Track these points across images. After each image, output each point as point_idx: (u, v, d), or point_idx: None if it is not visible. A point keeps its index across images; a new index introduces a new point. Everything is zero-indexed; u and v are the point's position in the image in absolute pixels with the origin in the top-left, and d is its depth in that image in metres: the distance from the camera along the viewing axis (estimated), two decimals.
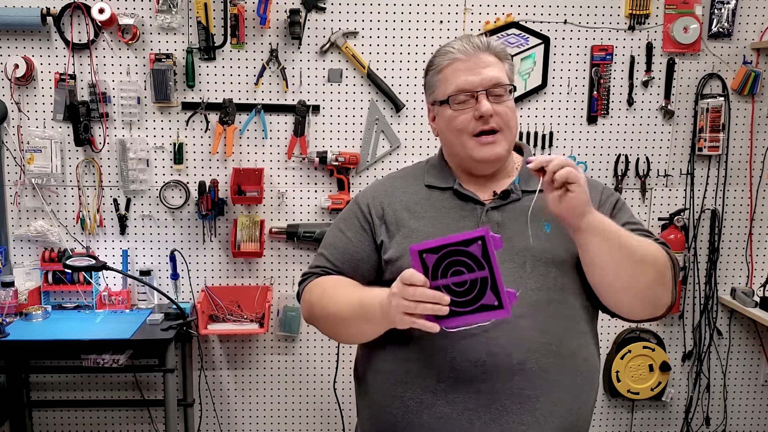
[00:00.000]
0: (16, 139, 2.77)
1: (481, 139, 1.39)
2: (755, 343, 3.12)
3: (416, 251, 1.16)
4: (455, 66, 1.40)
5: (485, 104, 1.36)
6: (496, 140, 1.39)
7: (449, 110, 1.40)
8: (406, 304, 1.17)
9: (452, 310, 1.16)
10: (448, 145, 1.47)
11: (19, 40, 2.73)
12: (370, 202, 1.49)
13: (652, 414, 3.15)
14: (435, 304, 1.15)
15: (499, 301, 1.15)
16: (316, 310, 1.46)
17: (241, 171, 2.80)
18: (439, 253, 1.15)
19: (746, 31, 2.91)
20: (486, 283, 1.15)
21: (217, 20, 2.76)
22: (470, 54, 1.40)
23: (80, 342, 2.47)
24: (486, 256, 1.14)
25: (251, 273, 2.92)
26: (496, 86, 1.38)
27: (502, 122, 1.39)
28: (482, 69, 1.38)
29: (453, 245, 1.15)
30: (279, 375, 3.01)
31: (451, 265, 1.16)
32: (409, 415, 1.36)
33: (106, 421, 3.00)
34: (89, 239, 2.85)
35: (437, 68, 1.43)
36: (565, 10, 2.85)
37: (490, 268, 1.14)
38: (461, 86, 1.38)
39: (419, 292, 1.15)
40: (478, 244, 1.14)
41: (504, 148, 1.41)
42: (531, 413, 1.32)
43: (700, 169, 2.98)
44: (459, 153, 1.43)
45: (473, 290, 1.16)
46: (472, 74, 1.38)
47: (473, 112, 1.38)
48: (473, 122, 1.38)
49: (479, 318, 1.17)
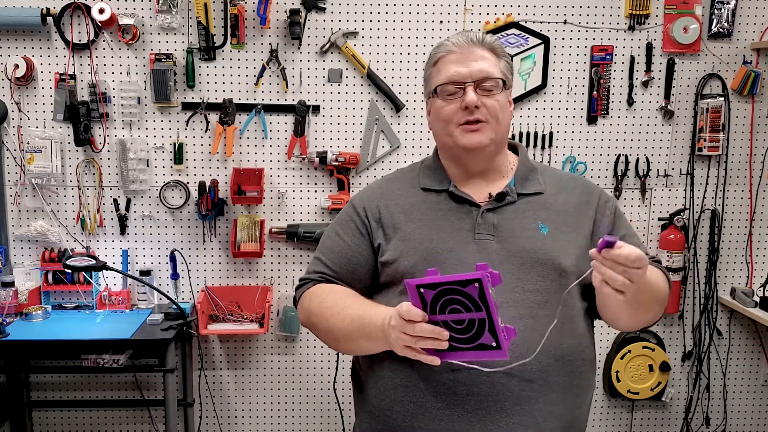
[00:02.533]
0: (16, 139, 2.77)
1: (465, 127, 1.39)
2: (755, 343, 3.12)
3: (413, 286, 1.15)
4: (448, 58, 1.42)
5: (470, 94, 1.37)
6: (480, 128, 1.39)
7: (439, 101, 1.42)
8: (406, 338, 1.17)
9: (451, 345, 1.15)
10: (437, 137, 1.48)
11: (19, 40, 2.73)
12: (367, 205, 1.49)
13: (652, 414, 3.15)
14: (435, 339, 1.15)
15: (497, 341, 1.13)
16: (314, 320, 1.45)
17: (241, 171, 2.80)
18: (436, 290, 1.14)
19: (746, 31, 2.91)
20: (484, 323, 1.13)
21: (217, 20, 2.76)
22: (463, 47, 1.41)
23: (80, 342, 2.47)
24: (483, 298, 1.11)
25: (251, 273, 2.92)
26: (485, 79, 1.39)
27: (489, 114, 1.39)
28: (473, 62, 1.39)
29: (449, 284, 1.13)
30: (279, 375, 3.01)
31: (449, 302, 1.14)
32: (409, 419, 1.36)
33: (106, 421, 3.00)
34: (89, 239, 2.85)
35: (432, 61, 1.45)
36: (565, 10, 2.85)
37: (488, 310, 1.12)
38: (450, 77, 1.40)
39: (418, 327, 1.15)
40: (474, 285, 1.11)
41: (488, 138, 1.40)
42: (530, 414, 1.32)
43: (700, 169, 2.98)
44: (447, 142, 1.44)
45: (471, 329, 1.14)
46: (462, 66, 1.39)
47: (460, 102, 1.38)
48: (459, 112, 1.39)
49: (477, 356, 1.16)
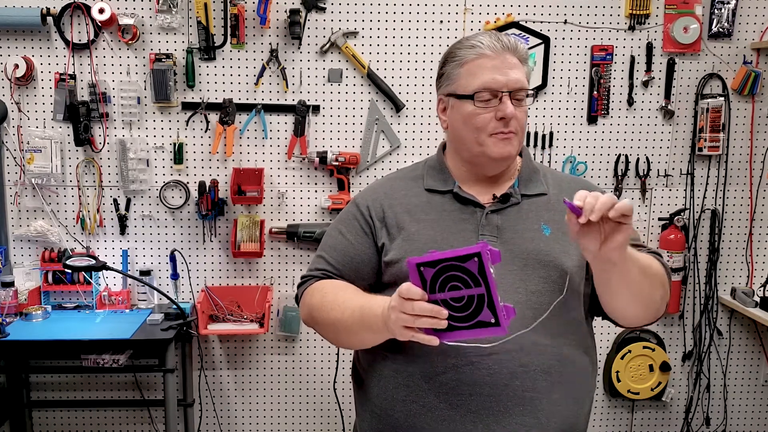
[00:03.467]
0: (16, 139, 2.77)
1: (499, 135, 1.37)
2: (755, 343, 3.12)
3: (414, 264, 1.15)
4: (482, 62, 1.37)
5: (510, 106, 1.35)
6: (511, 139, 1.38)
7: (471, 106, 1.38)
8: (405, 317, 1.16)
9: (450, 324, 1.15)
10: (460, 140, 1.44)
11: (19, 40, 2.73)
12: (370, 204, 1.48)
13: (652, 414, 3.15)
14: (433, 318, 1.15)
15: (496, 318, 1.13)
16: (316, 315, 1.45)
17: (241, 171, 2.80)
18: (436, 267, 1.14)
19: (746, 31, 2.91)
20: (483, 299, 1.13)
21: (217, 20, 2.76)
22: (499, 52, 1.37)
23: (80, 342, 2.47)
24: (482, 272, 1.11)
25: (251, 273, 2.92)
26: (520, 90, 1.37)
27: (519, 126, 1.39)
28: (509, 70, 1.36)
29: (450, 260, 1.13)
30: (279, 375, 3.01)
31: (448, 280, 1.14)
32: (411, 418, 1.36)
33: (106, 421, 3.00)
34: (89, 239, 2.85)
35: (461, 60, 1.40)
36: (565, 10, 2.85)
37: (487, 285, 1.12)
38: (488, 84, 1.36)
39: (417, 306, 1.15)
40: (474, 260, 1.11)
41: (516, 149, 1.41)
42: (533, 414, 1.32)
43: (700, 169, 2.98)
44: (472, 150, 1.41)
45: (470, 306, 1.14)
46: (500, 73, 1.36)
47: (495, 112, 1.36)
48: (493, 122, 1.36)
49: (476, 334, 1.16)
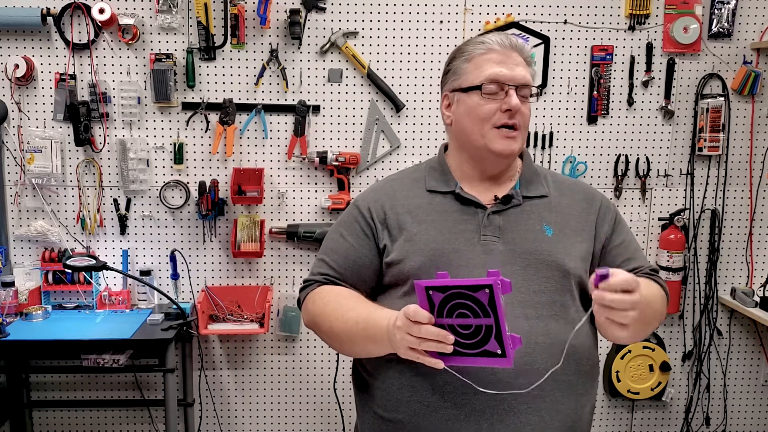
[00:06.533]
0: (16, 139, 2.77)
1: (502, 132, 1.39)
2: (755, 343, 3.12)
3: (423, 287, 1.15)
4: (489, 56, 1.40)
5: (515, 98, 1.37)
6: (515, 136, 1.40)
7: (476, 97, 1.40)
8: (411, 339, 1.17)
9: (456, 349, 1.15)
10: (463, 134, 1.45)
11: (19, 40, 2.73)
12: (372, 205, 1.48)
13: (652, 414, 3.15)
14: (439, 343, 1.15)
15: (503, 350, 1.13)
16: (318, 321, 1.45)
17: (241, 171, 2.80)
18: (445, 293, 1.13)
19: (746, 31, 2.91)
20: (491, 330, 1.13)
21: (217, 20, 2.76)
22: (506, 48, 1.41)
23: (80, 342, 2.47)
24: (493, 304, 1.11)
25: (251, 273, 2.92)
26: (525, 86, 1.40)
27: (522, 122, 1.41)
28: (515, 66, 1.40)
29: (459, 288, 1.12)
30: (279, 375, 3.01)
31: (457, 306, 1.14)
32: (415, 418, 1.36)
33: (106, 421, 3.00)
34: (89, 239, 2.85)
35: (469, 56, 1.43)
36: (565, 10, 2.85)
37: (496, 317, 1.12)
38: (495, 76, 1.38)
39: (424, 329, 1.15)
40: (485, 291, 1.11)
41: (519, 146, 1.42)
42: (536, 413, 1.32)
43: (700, 169, 2.98)
44: (475, 142, 1.42)
45: (478, 335, 1.14)
46: (506, 67, 1.39)
47: (500, 104, 1.38)
48: (498, 114, 1.39)
49: (481, 362, 1.16)
